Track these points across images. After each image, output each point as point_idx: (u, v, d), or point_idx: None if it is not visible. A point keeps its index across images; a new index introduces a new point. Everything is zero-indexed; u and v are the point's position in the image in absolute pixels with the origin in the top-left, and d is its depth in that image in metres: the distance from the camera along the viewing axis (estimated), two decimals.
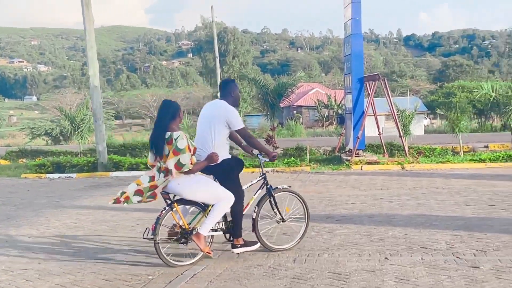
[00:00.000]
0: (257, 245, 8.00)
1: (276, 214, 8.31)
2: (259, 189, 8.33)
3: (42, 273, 7.50)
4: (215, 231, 7.77)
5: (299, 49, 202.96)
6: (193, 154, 7.29)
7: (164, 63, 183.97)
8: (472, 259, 7.37)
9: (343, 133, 23.57)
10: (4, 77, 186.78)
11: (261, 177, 8.30)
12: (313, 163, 20.50)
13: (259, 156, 8.27)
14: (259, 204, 8.14)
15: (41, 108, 74.31)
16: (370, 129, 24.37)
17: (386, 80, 21.97)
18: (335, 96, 64.79)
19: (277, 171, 19.32)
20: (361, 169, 19.46)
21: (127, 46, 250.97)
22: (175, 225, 7.64)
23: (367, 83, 21.90)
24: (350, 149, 21.64)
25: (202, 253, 7.55)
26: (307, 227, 8.52)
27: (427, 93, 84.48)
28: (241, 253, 7.94)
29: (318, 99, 68.33)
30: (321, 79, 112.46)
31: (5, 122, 49.72)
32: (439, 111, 26.96)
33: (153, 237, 7.35)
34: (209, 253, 7.49)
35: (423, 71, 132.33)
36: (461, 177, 16.74)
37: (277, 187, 8.33)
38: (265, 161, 8.31)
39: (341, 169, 19.50)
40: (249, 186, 8.20)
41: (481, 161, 19.79)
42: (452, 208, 11.38)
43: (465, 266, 7.04)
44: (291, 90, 27.23)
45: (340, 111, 61.00)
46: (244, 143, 8.27)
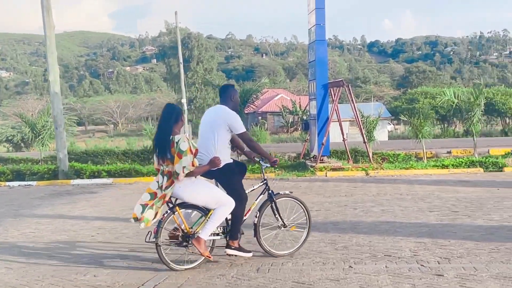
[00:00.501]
0: (250, 254, 8.00)
1: (277, 219, 8.34)
2: (261, 194, 8.40)
3: None
4: (217, 235, 7.82)
5: (264, 55, 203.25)
6: (195, 156, 7.33)
7: (127, 68, 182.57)
8: (436, 266, 7.33)
9: (307, 139, 23.52)
10: None
11: (262, 183, 8.34)
12: (277, 169, 20.40)
13: (261, 162, 8.39)
14: (261, 209, 8.19)
15: (2, 114, 73.21)
16: (334, 135, 24.41)
17: (350, 86, 22.01)
18: (300, 102, 64.85)
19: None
20: (326, 176, 19.44)
21: (90, 51, 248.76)
22: (176, 228, 7.64)
23: (332, 89, 21.90)
24: (314, 155, 21.61)
25: (203, 257, 7.56)
26: (308, 233, 8.53)
27: (390, 99, 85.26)
28: (233, 255, 7.89)
29: (283, 105, 68.35)
30: (286, 85, 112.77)
31: None
32: (402, 117, 27.11)
33: (155, 240, 7.39)
34: (209, 257, 7.52)
35: (387, 77, 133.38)
36: (425, 183, 16.82)
37: (279, 193, 8.40)
38: (267, 166, 8.40)
39: (305, 176, 19.46)
40: (251, 191, 8.19)
41: (444, 167, 19.92)
42: (416, 214, 11.38)
43: (429, 274, 6.99)
44: (255, 96, 27.17)
45: (305, 117, 60.96)
46: (246, 148, 8.38)
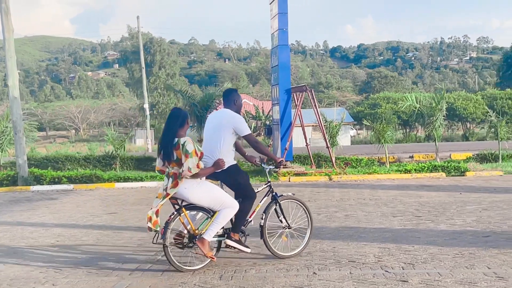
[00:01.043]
0: (248, 250, 8.08)
1: (281, 221, 8.48)
2: (265, 196, 8.53)
3: None
4: (221, 236, 7.92)
5: (227, 60, 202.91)
6: (200, 159, 7.51)
7: (89, 73, 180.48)
8: (400, 272, 7.29)
9: (270, 144, 23.49)
10: None
11: (266, 185, 8.54)
12: None
13: (263, 165, 8.72)
14: (266, 211, 8.35)
15: None
16: (297, 140, 24.45)
17: (313, 91, 22.03)
18: (262, 107, 64.84)
19: None
20: (289, 181, 19.40)
21: (52, 56, 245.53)
22: (181, 231, 7.80)
23: (295, 94, 21.90)
24: None
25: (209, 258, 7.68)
26: (311, 235, 8.64)
27: (353, 104, 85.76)
28: (232, 246, 7.91)
29: (246, 110, 68.23)
30: (249, 90, 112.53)
31: None
32: (365, 122, 27.25)
33: (162, 241, 7.47)
34: (213, 258, 7.66)
35: (349, 82, 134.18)
36: (388, 188, 16.87)
37: (282, 195, 8.54)
38: (270, 169, 8.74)
39: None
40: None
41: (406, 171, 20.03)
42: (379, 219, 11.37)
43: (394, 280, 6.95)
44: (218, 101, 26.99)
45: (267, 122, 61.09)
46: (247, 153, 8.80)
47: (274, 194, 8.43)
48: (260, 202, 8.44)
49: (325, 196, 15.31)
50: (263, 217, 8.26)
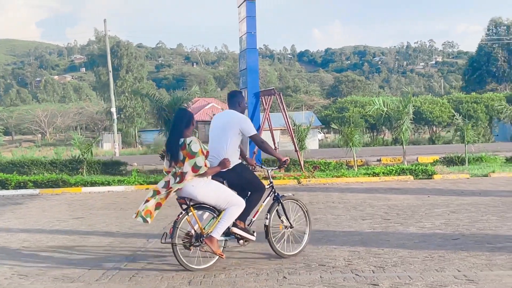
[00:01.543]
0: (253, 238, 8.28)
1: (283, 221, 8.65)
2: (267, 196, 8.70)
3: None
4: (227, 235, 8.05)
5: (195, 64, 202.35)
6: (206, 157, 7.73)
7: (56, 77, 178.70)
8: (371, 276, 7.27)
9: (239, 147, 23.39)
10: None
11: (268, 186, 8.69)
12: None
13: (263, 167, 9.12)
14: (270, 210, 8.53)
15: None
16: None
17: (281, 95, 22.03)
18: None
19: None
20: None
21: (17, 60, 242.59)
22: (189, 231, 7.92)
23: (263, 97, 21.88)
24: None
25: (217, 256, 7.81)
26: (310, 233, 8.89)
27: (321, 108, 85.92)
28: (237, 233, 8.08)
29: (214, 114, 68.13)
30: (217, 94, 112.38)
31: None
32: (333, 125, 27.29)
33: (171, 240, 7.59)
34: (222, 255, 7.81)
35: (317, 86, 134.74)
36: (356, 191, 16.91)
37: (284, 195, 8.75)
38: (272, 170, 9.02)
39: None
40: None
41: (375, 175, 20.10)
42: (348, 223, 11.37)
43: (364, 283, 6.92)
44: (186, 105, 26.86)
45: None
46: (248, 155, 8.91)
47: (276, 194, 8.61)
48: (262, 202, 8.58)
49: None
50: (267, 217, 8.42)
